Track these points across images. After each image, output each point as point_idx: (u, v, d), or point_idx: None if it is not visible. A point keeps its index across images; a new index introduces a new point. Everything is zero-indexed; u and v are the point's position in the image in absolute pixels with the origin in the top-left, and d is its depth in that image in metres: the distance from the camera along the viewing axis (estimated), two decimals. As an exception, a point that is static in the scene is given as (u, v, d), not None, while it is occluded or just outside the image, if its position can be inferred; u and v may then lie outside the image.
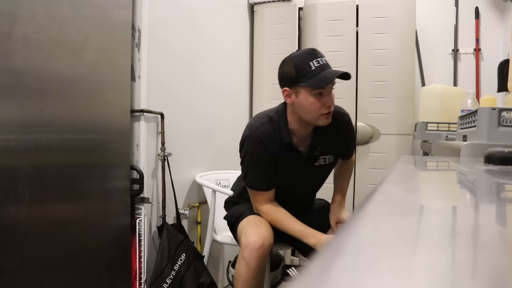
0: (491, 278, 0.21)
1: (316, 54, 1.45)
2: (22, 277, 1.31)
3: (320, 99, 1.43)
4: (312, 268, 0.22)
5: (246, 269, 1.44)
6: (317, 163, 1.61)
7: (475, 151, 1.17)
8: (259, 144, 1.51)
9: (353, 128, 1.72)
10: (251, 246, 1.45)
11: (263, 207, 1.58)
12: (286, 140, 1.52)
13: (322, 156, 1.62)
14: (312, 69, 1.42)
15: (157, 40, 1.97)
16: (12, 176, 1.27)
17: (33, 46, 1.33)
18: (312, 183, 1.74)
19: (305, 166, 1.60)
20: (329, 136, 1.58)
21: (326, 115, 1.47)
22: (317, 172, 1.67)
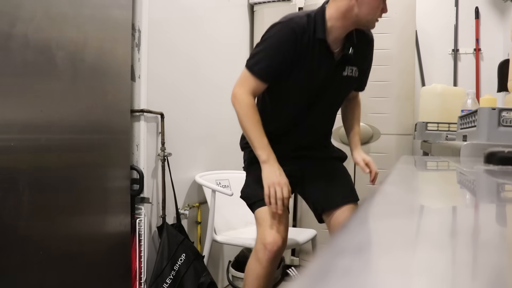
0: (491, 278, 0.21)
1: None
2: (22, 277, 1.31)
3: (383, 3, 1.44)
4: (312, 268, 0.22)
5: (260, 267, 1.41)
6: (345, 73, 1.52)
7: (475, 151, 1.17)
8: (290, 34, 1.41)
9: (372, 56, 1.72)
10: (269, 247, 1.40)
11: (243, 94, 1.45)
12: (320, 36, 1.43)
13: (350, 66, 1.53)
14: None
15: (157, 40, 1.97)
16: (12, 176, 1.27)
17: (33, 46, 1.33)
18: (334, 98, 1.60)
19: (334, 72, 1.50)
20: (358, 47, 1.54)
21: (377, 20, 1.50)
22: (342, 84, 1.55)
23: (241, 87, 1.47)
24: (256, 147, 1.42)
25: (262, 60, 1.43)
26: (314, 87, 1.51)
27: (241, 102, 1.45)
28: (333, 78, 1.51)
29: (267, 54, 1.43)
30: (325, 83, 1.50)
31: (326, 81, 1.50)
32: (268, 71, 1.43)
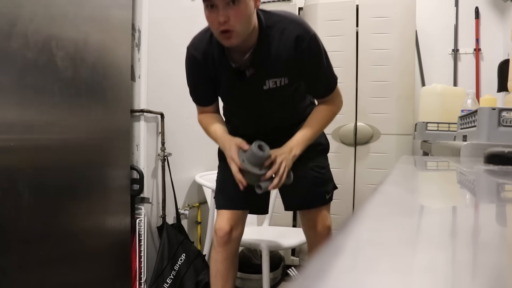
0: (491, 278, 0.21)
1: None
2: (22, 277, 1.31)
3: (211, 13, 1.22)
4: (312, 268, 0.22)
5: (214, 251, 1.51)
6: (266, 87, 1.39)
7: (475, 151, 1.17)
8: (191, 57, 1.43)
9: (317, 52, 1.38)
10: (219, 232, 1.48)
11: (199, 116, 1.54)
12: (217, 55, 1.36)
13: (271, 79, 1.37)
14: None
15: (157, 40, 1.97)
16: (12, 176, 1.27)
17: (33, 46, 1.33)
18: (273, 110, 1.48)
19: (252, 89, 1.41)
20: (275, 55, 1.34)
21: (224, 34, 1.23)
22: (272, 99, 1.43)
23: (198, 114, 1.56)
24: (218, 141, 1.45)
25: (190, 89, 1.52)
26: (242, 99, 1.46)
27: (199, 122, 1.54)
28: (256, 92, 1.41)
29: (189, 82, 1.51)
30: (251, 95, 1.43)
31: (251, 94, 1.43)
32: (197, 96, 1.51)
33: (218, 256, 1.50)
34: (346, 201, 2.64)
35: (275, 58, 1.34)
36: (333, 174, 1.74)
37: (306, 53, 1.35)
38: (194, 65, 1.43)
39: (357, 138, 2.64)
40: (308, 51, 1.35)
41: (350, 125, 2.63)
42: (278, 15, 1.36)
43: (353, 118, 2.64)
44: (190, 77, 1.49)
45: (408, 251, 0.26)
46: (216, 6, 1.20)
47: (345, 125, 2.65)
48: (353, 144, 2.65)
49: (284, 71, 1.37)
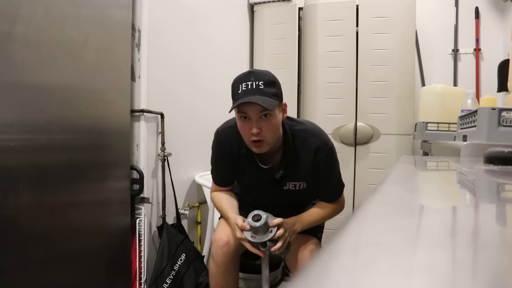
0: (491, 278, 0.21)
1: (249, 77, 1.35)
2: (22, 277, 1.31)
3: (244, 123, 1.36)
4: (312, 268, 0.22)
5: (214, 264, 1.51)
6: (286, 187, 1.52)
7: (475, 151, 1.17)
8: (218, 143, 1.53)
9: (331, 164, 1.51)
10: (217, 243, 1.50)
11: (212, 192, 1.65)
12: (245, 152, 1.47)
13: (292, 182, 1.51)
14: (239, 92, 1.35)
15: (157, 40, 1.97)
16: (12, 176, 1.27)
17: (33, 46, 1.33)
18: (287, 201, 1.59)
19: (271, 186, 1.52)
20: (297, 162, 1.48)
21: (255, 143, 1.36)
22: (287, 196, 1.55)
23: (212, 191, 1.66)
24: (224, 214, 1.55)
25: (213, 168, 1.61)
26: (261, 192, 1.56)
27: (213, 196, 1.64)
28: (274, 191, 1.53)
29: (213, 163, 1.60)
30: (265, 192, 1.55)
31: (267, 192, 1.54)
32: (220, 177, 1.61)
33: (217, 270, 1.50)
34: (346, 201, 2.64)
35: (297, 164, 1.48)
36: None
37: (323, 163, 1.48)
38: (222, 150, 1.53)
39: (357, 138, 2.64)
40: (325, 161, 1.48)
41: (350, 125, 2.63)
42: (302, 124, 1.53)
43: (353, 118, 2.64)
44: (214, 159, 1.59)
45: (408, 251, 0.26)
46: (249, 118, 1.34)
47: (345, 125, 2.65)
48: (353, 144, 2.65)
49: (303, 176, 1.50)
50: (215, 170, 1.61)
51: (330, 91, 2.68)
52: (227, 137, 1.50)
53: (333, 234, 0.29)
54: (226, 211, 1.52)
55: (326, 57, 2.68)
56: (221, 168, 1.58)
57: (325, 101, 2.69)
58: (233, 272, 1.54)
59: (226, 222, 1.55)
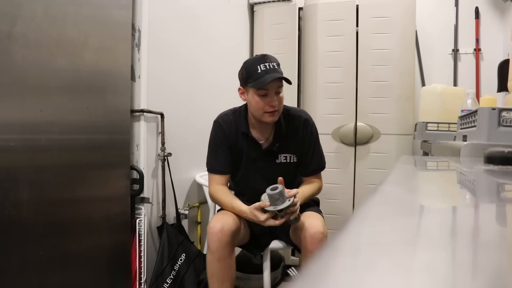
0: (491, 278, 0.21)
1: (265, 59, 1.60)
2: (22, 277, 1.31)
3: (264, 99, 1.59)
4: (312, 268, 0.22)
5: (209, 252, 1.55)
6: (278, 160, 1.72)
7: (475, 151, 1.17)
8: (218, 127, 1.71)
9: (314, 137, 1.75)
10: (211, 230, 1.56)
11: (213, 188, 1.71)
12: (243, 130, 1.70)
13: (283, 154, 1.72)
14: (258, 72, 1.57)
15: (157, 40, 1.97)
16: (12, 176, 1.27)
17: (33, 46, 1.33)
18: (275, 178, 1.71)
19: (266, 161, 1.71)
20: (288, 135, 1.71)
21: (270, 114, 1.61)
22: (279, 169, 1.71)
23: (211, 185, 1.74)
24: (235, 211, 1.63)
25: (211, 157, 1.73)
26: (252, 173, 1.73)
27: (213, 195, 1.72)
28: (269, 166, 1.71)
29: (212, 149, 1.74)
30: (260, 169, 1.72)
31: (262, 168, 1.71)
32: (220, 163, 1.71)
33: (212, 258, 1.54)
34: (346, 201, 2.65)
35: (289, 136, 1.71)
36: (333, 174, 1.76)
37: (310, 135, 1.74)
38: (220, 134, 1.71)
39: (357, 138, 2.64)
40: (311, 133, 1.74)
41: (350, 125, 2.63)
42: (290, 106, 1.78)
43: (353, 118, 2.64)
44: (214, 144, 1.73)
45: (408, 251, 0.26)
46: (268, 94, 1.59)
47: (345, 125, 2.65)
48: (353, 144, 2.65)
49: (294, 148, 1.73)
50: (215, 157, 1.71)
51: (330, 91, 2.68)
52: (225, 122, 1.71)
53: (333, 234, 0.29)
54: (236, 204, 1.62)
55: (326, 57, 2.68)
56: (221, 151, 1.70)
57: (325, 101, 2.69)
58: (228, 260, 1.56)
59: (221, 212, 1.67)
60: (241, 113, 1.73)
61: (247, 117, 1.71)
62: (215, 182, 1.72)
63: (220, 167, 1.72)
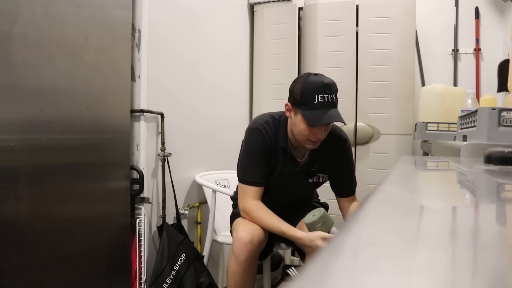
0: (491, 278, 0.21)
1: (326, 90, 1.47)
2: (22, 277, 1.31)
3: (311, 129, 1.50)
4: (312, 268, 0.22)
5: (236, 263, 1.51)
6: (311, 180, 1.68)
7: (475, 151, 1.17)
8: (259, 134, 1.58)
9: (352, 157, 1.75)
10: (240, 240, 1.51)
11: (250, 202, 1.59)
12: (282, 145, 1.60)
13: (319, 173, 1.68)
14: (315, 103, 1.46)
15: (157, 40, 1.97)
16: (12, 176, 1.27)
17: (33, 46, 1.33)
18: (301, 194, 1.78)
19: (299, 178, 1.66)
20: (327, 155, 1.65)
21: (312, 142, 1.54)
22: (308, 187, 1.73)
23: (245, 200, 1.61)
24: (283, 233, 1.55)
25: (248, 167, 1.61)
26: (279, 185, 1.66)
27: (250, 212, 1.59)
28: (299, 183, 1.67)
29: (249, 158, 1.61)
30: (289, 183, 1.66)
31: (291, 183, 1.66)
32: (257, 173, 1.60)
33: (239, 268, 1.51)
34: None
35: (326, 156, 1.65)
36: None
37: (347, 154, 1.70)
38: (261, 142, 1.58)
39: (357, 138, 2.64)
40: (349, 152, 1.71)
41: (350, 125, 2.63)
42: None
43: (353, 118, 2.64)
44: (252, 152, 1.60)
45: (408, 251, 0.26)
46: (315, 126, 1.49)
47: (345, 125, 2.65)
48: (353, 144, 2.65)
49: (329, 168, 1.68)
50: (254, 167, 1.60)
51: (330, 91, 2.67)
52: (266, 130, 1.59)
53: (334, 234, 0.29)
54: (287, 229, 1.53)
55: (326, 57, 2.68)
56: (261, 161, 1.59)
57: (325, 101, 2.68)
58: (252, 270, 1.57)
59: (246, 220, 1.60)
60: (281, 125, 1.61)
61: (287, 131, 1.61)
62: (251, 196, 1.59)
63: (258, 179, 1.60)
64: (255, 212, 1.58)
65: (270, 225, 1.56)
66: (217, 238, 2.09)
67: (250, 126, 1.63)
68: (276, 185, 1.66)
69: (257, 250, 1.55)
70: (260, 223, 1.57)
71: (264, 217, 1.56)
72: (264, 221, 1.56)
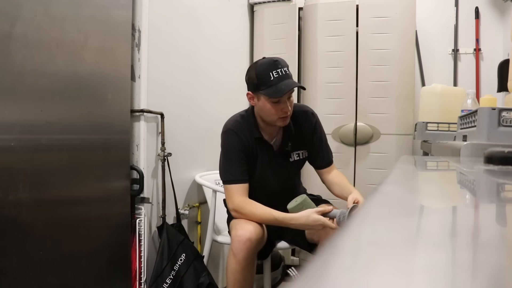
0: (491, 278, 0.21)
1: (277, 65, 1.56)
2: (22, 277, 1.31)
3: (277, 106, 1.57)
4: (312, 268, 0.22)
5: (235, 261, 1.52)
6: (292, 159, 1.74)
7: (475, 151, 1.17)
8: (232, 135, 1.66)
9: (322, 128, 1.80)
10: (239, 239, 1.52)
11: (238, 200, 1.61)
12: (256, 135, 1.67)
13: (295, 151, 1.74)
14: (271, 79, 1.54)
15: (157, 40, 1.97)
16: (12, 176, 1.27)
17: (33, 46, 1.33)
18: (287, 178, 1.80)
19: (280, 161, 1.72)
20: (298, 131, 1.72)
21: (282, 119, 1.61)
22: (293, 167, 1.78)
23: (232, 199, 1.64)
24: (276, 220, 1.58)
25: (229, 167, 1.65)
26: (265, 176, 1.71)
27: (240, 210, 1.62)
28: (282, 166, 1.73)
29: (228, 159, 1.66)
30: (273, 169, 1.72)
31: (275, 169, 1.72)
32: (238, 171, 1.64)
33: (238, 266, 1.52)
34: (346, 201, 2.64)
35: (298, 133, 1.72)
36: (333, 174, 1.77)
37: (317, 126, 1.77)
38: (235, 141, 1.65)
39: (357, 138, 2.64)
40: (318, 124, 1.77)
41: (350, 125, 2.63)
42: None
43: (353, 118, 2.64)
44: (228, 153, 1.67)
45: (408, 251, 0.26)
46: (280, 101, 1.56)
47: (345, 125, 2.65)
48: (353, 144, 2.65)
49: (305, 143, 1.75)
50: (233, 166, 1.65)
51: (330, 91, 2.68)
52: (238, 129, 1.67)
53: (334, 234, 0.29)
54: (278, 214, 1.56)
55: (326, 57, 2.68)
56: (239, 159, 1.65)
57: (325, 101, 2.69)
58: (251, 268, 1.57)
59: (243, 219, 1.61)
60: (250, 118, 1.70)
61: (256, 121, 1.69)
62: (237, 194, 1.63)
63: (240, 176, 1.65)
64: (244, 208, 1.60)
65: (262, 216, 1.58)
66: (217, 238, 2.09)
67: (223, 130, 1.71)
68: (263, 175, 1.71)
69: (256, 248, 1.56)
70: (253, 217, 1.59)
71: (255, 210, 1.59)
72: (256, 214, 1.58)
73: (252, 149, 1.68)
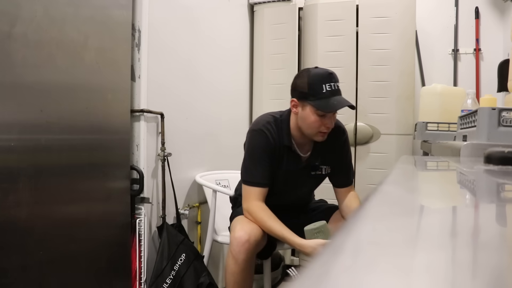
0: (491, 278, 0.21)
1: (331, 79, 1.53)
2: (22, 277, 1.31)
3: (322, 120, 1.54)
4: (312, 268, 0.22)
5: (234, 262, 1.52)
6: (314, 173, 1.71)
7: (475, 151, 1.17)
8: (261, 135, 1.60)
9: (349, 147, 1.78)
10: (238, 240, 1.52)
11: (253, 203, 1.59)
12: (286, 143, 1.62)
13: (322, 166, 1.71)
14: (323, 92, 1.51)
15: (157, 40, 1.97)
16: (12, 176, 1.27)
17: (33, 46, 1.33)
18: (305, 190, 1.79)
19: (303, 174, 1.69)
20: (328, 147, 1.68)
21: (322, 133, 1.58)
22: (311, 182, 1.75)
23: (249, 201, 1.62)
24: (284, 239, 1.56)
25: (252, 168, 1.61)
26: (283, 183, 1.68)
27: (253, 213, 1.60)
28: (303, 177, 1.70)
29: (253, 160, 1.61)
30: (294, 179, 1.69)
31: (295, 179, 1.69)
32: (262, 174, 1.60)
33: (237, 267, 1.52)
34: (346, 201, 2.64)
35: (327, 148, 1.68)
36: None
37: (346, 144, 1.74)
38: (264, 143, 1.60)
39: (357, 138, 2.64)
40: (347, 142, 1.75)
41: (350, 125, 2.63)
42: None
43: (353, 118, 2.64)
44: (255, 153, 1.61)
45: (408, 251, 0.26)
46: (326, 115, 1.54)
47: (345, 125, 2.65)
48: (353, 144, 2.65)
49: (330, 160, 1.71)
50: (257, 168, 1.60)
51: (330, 91, 2.67)
52: (269, 130, 1.61)
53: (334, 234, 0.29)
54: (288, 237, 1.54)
55: (326, 57, 2.68)
56: (264, 162, 1.60)
57: (325, 101, 2.68)
58: (250, 269, 1.57)
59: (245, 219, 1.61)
60: (283, 124, 1.63)
61: (289, 129, 1.63)
62: (254, 197, 1.60)
63: (262, 179, 1.60)
64: (258, 213, 1.58)
65: (272, 228, 1.56)
66: (217, 238, 2.09)
67: (252, 128, 1.64)
68: (281, 183, 1.67)
69: (255, 249, 1.56)
70: (262, 225, 1.57)
71: (267, 219, 1.57)
72: (266, 224, 1.56)
73: (279, 155, 1.62)
